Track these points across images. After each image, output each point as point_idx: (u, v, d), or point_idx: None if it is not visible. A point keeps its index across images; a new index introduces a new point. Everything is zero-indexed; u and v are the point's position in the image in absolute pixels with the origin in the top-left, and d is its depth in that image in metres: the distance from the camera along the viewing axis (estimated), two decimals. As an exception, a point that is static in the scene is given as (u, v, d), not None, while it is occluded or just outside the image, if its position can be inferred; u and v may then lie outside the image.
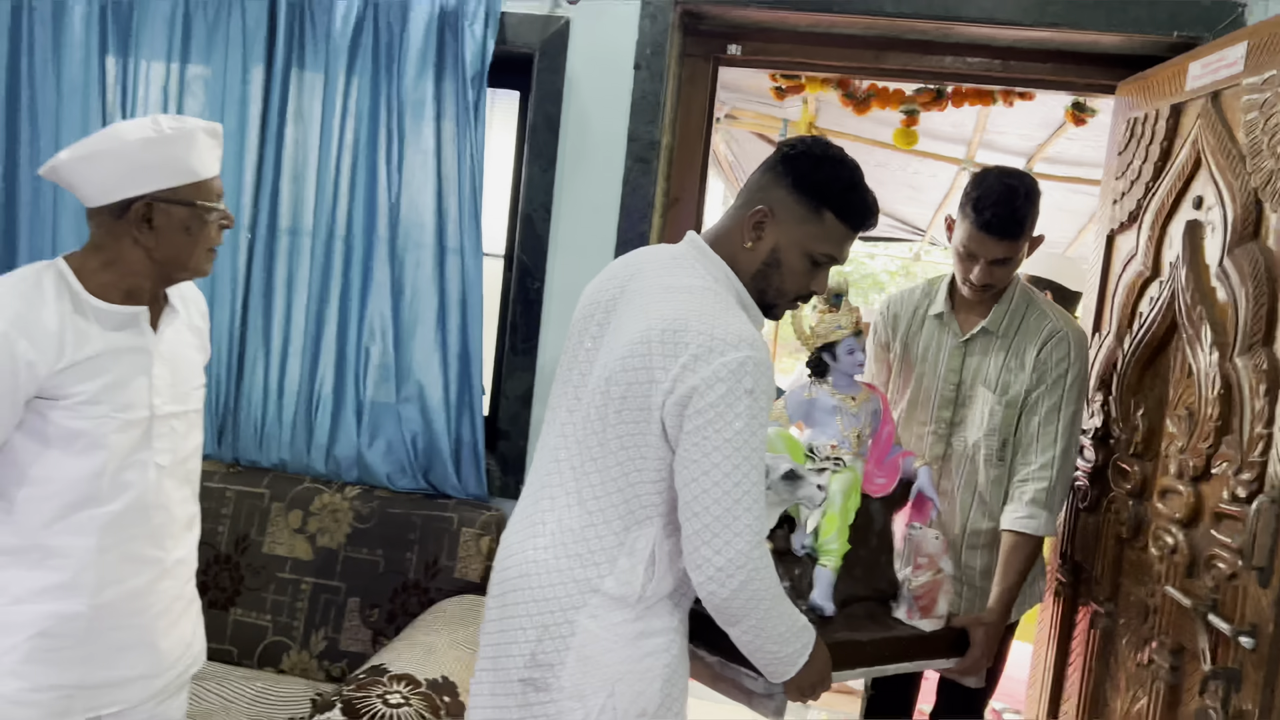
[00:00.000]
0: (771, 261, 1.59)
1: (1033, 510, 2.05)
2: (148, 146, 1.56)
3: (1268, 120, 1.72)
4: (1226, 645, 1.68)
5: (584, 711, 1.53)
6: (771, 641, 1.54)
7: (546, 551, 1.58)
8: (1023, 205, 2.03)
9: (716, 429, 1.44)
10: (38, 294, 1.55)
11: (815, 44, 2.54)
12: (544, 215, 2.52)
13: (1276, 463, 1.60)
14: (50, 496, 1.58)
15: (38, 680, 1.57)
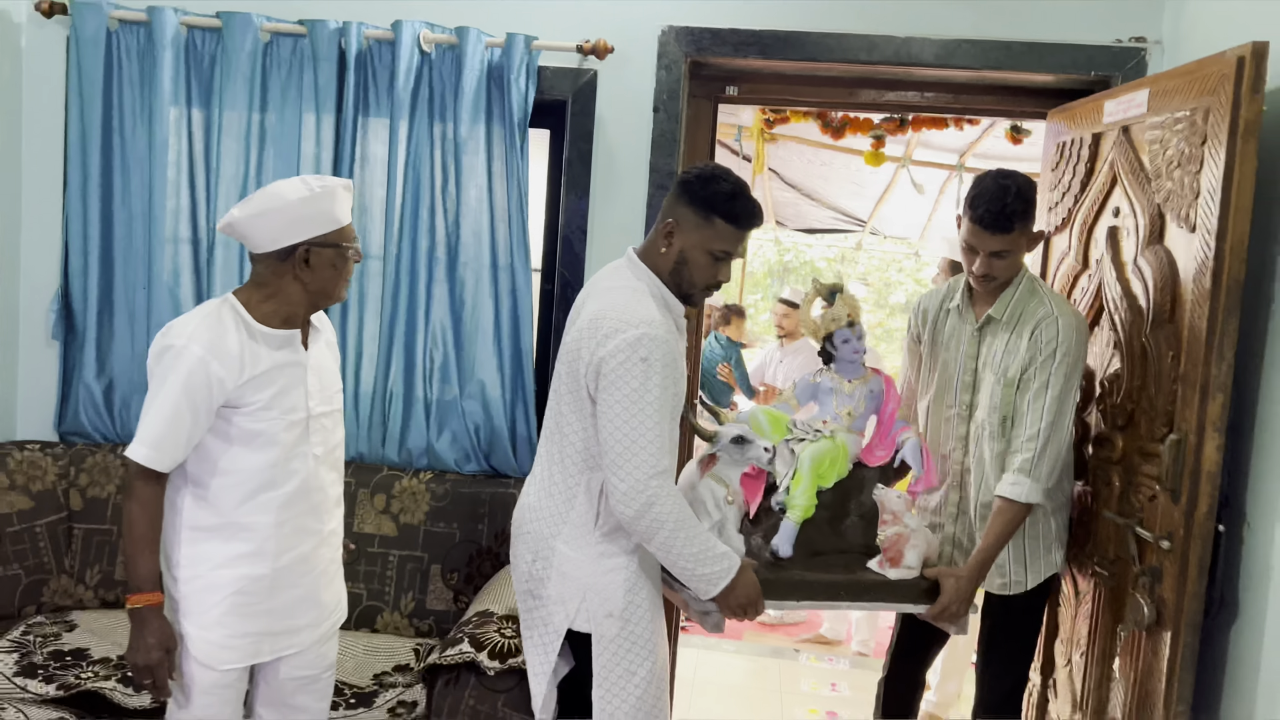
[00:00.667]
0: (681, 261, 2.03)
1: (1017, 478, 2.23)
2: (305, 203, 1.96)
3: (1165, 151, 2.26)
4: (1150, 550, 2.22)
5: (565, 613, 2.02)
6: (685, 559, 1.95)
7: (533, 496, 2.10)
8: (1013, 202, 2.22)
9: (617, 387, 1.90)
10: (220, 324, 1.97)
11: (799, 84, 3.05)
12: (580, 236, 2.98)
13: (1181, 409, 2.14)
14: (238, 484, 2.00)
15: (236, 629, 2.00)
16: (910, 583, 2.24)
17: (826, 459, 2.27)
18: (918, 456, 2.31)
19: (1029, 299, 2.32)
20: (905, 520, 2.24)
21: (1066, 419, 2.26)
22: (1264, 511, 2.08)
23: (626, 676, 2.03)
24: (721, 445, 2.15)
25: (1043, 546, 2.38)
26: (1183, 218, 2.18)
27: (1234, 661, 2.15)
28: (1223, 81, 2.06)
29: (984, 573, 2.27)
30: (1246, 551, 2.13)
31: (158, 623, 1.94)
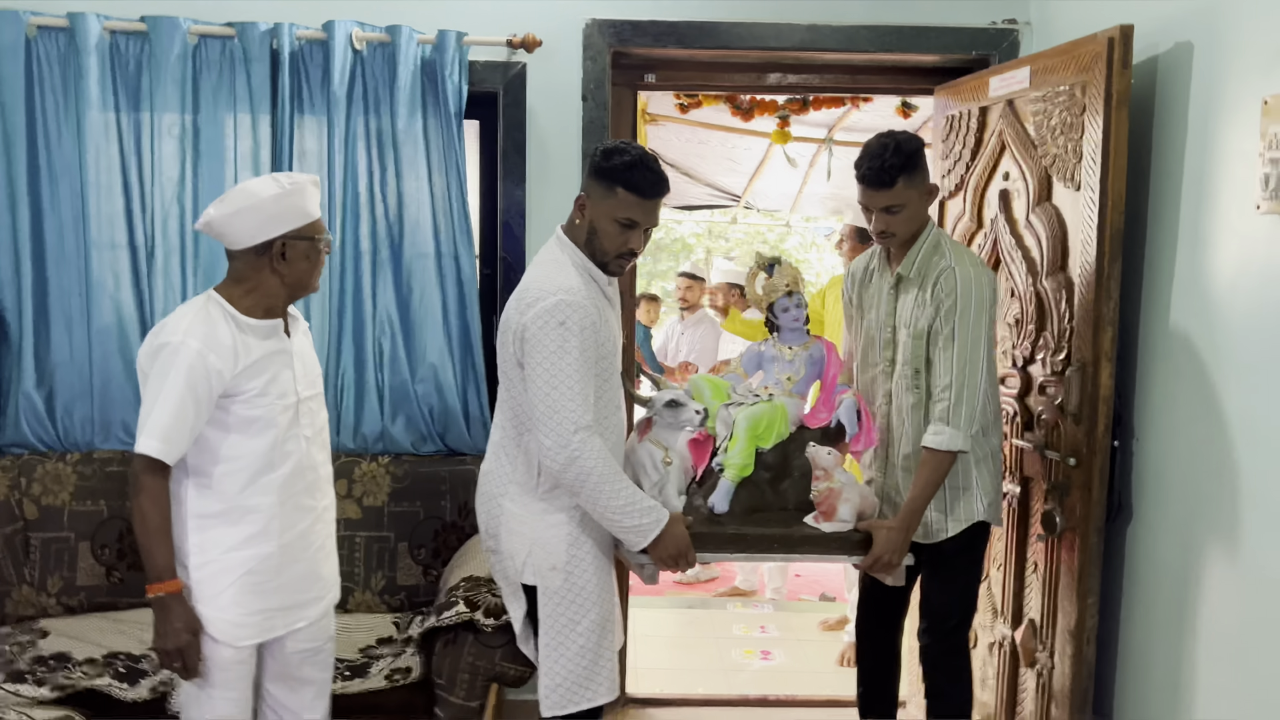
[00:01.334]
0: (593, 231, 2.15)
1: (938, 427, 2.28)
2: (277, 200, 2.06)
3: (1049, 121, 2.59)
4: (1058, 469, 2.56)
5: (516, 565, 2.18)
6: (612, 512, 2.07)
7: (488, 461, 2.27)
8: (892, 158, 2.27)
9: (538, 350, 2.04)
10: (211, 319, 2.07)
11: (712, 70, 3.28)
12: (520, 221, 3.14)
13: (1077, 344, 2.48)
14: (240, 470, 2.10)
15: (250, 606, 2.12)
16: (843, 535, 2.31)
17: (763, 421, 2.35)
18: (853, 416, 2.38)
19: (933, 254, 2.36)
20: (836, 476, 2.32)
21: (979, 366, 2.29)
22: (1150, 427, 2.45)
23: (570, 626, 2.16)
24: (655, 409, 2.30)
25: (963, 495, 2.39)
26: (1068, 178, 2.51)
27: (1131, 555, 2.51)
28: (1096, 59, 2.39)
29: (914, 522, 2.31)
30: (1137, 463, 2.49)
31: (181, 608, 2.03)
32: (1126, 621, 2.53)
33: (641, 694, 3.57)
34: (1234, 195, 2.13)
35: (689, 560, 2.20)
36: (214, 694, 2.10)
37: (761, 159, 7.55)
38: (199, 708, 2.10)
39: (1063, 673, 2.55)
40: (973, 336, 2.28)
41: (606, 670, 2.22)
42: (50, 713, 2.28)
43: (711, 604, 4.70)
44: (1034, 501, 2.70)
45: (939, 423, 2.29)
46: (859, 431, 2.39)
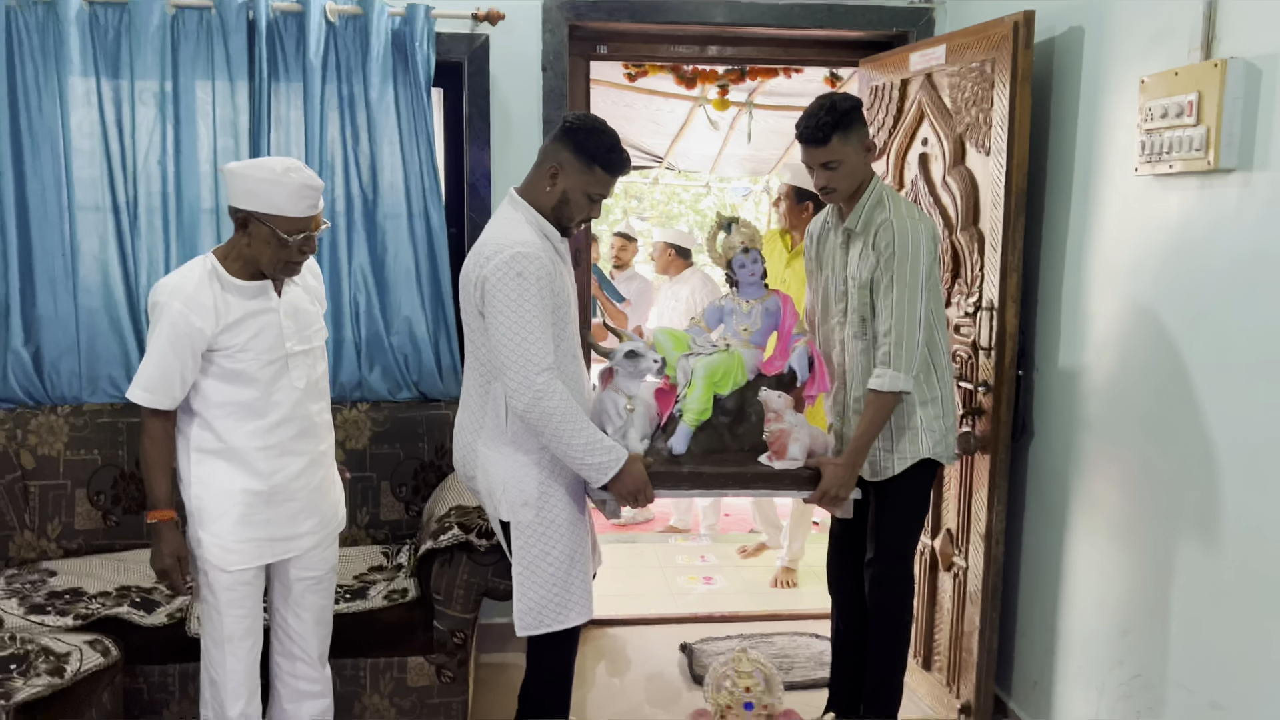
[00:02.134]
0: (563, 200, 2.32)
1: (880, 370, 2.45)
2: (263, 182, 2.19)
3: (962, 94, 2.95)
4: (972, 397, 2.95)
5: (492, 504, 2.38)
6: (574, 450, 2.24)
7: (461, 411, 2.45)
8: (825, 115, 2.42)
9: (499, 299, 2.18)
10: (196, 282, 2.24)
11: (659, 42, 3.56)
12: (485, 183, 3.38)
13: (986, 289, 2.86)
14: (228, 415, 2.30)
15: (241, 535, 2.33)
16: (794, 472, 2.49)
17: (720, 370, 2.54)
18: (804, 362, 2.55)
19: (876, 208, 2.51)
20: (786, 418, 2.49)
21: (917, 311, 2.43)
22: (1048, 359, 2.85)
23: (541, 557, 2.34)
24: (616, 360, 2.49)
25: (908, 434, 2.56)
26: (979, 144, 2.88)
27: (1032, 468, 2.93)
28: (1004, 39, 2.75)
29: (860, 459, 2.48)
30: (1038, 389, 2.89)
31: (170, 534, 2.27)
32: (1029, 526, 2.95)
33: (599, 616, 3.90)
34: (1117, 160, 2.52)
35: (647, 496, 2.36)
36: (222, 613, 2.33)
37: (684, 121, 7.83)
38: (211, 624, 2.33)
39: (976, 573, 2.96)
40: (910, 284, 2.43)
41: (579, 595, 2.39)
42: (81, 636, 2.49)
43: (654, 539, 5.06)
44: (951, 427, 3.09)
45: (881, 366, 2.46)
46: (810, 377, 2.57)
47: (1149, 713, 2.39)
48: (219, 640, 2.34)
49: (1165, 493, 2.34)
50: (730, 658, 2.14)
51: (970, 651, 2.99)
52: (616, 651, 3.71)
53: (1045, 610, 2.86)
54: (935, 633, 3.21)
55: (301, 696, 2.53)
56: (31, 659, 2.33)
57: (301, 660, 2.52)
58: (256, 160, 2.27)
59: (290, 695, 2.53)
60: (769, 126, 7.83)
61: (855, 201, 2.56)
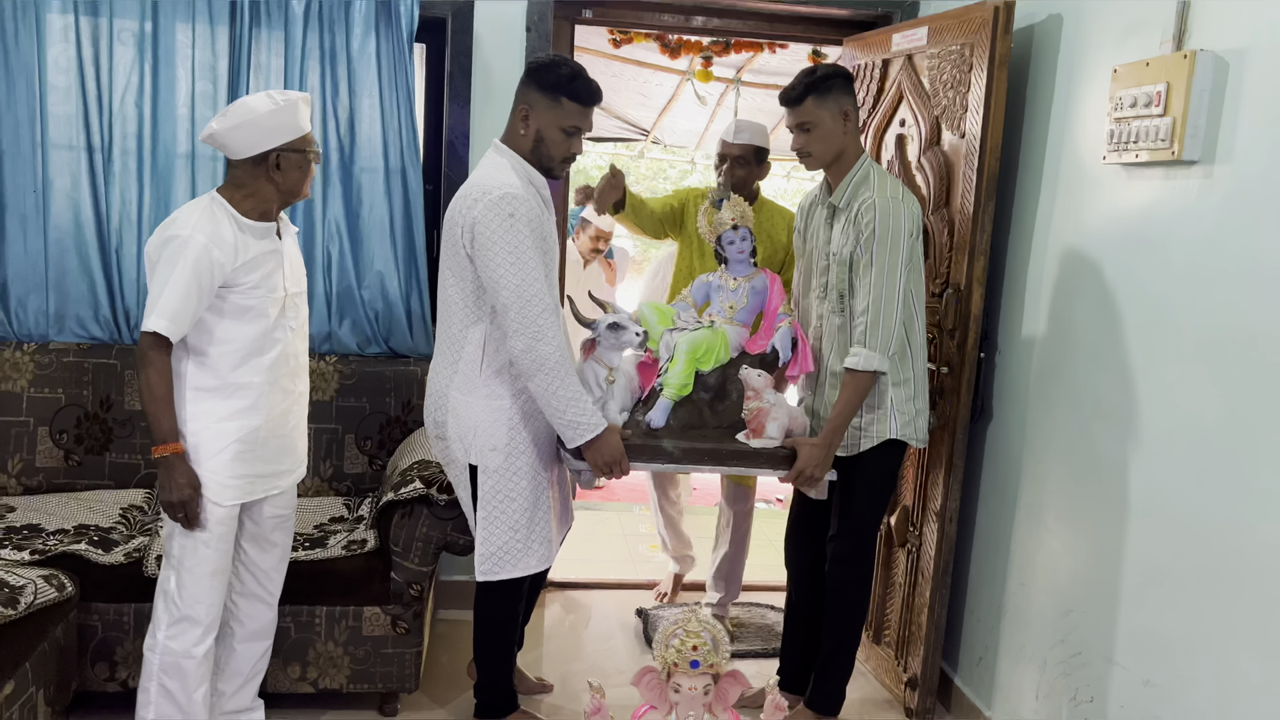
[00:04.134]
0: (539, 139, 2.38)
1: (855, 349, 2.47)
2: (273, 115, 2.27)
3: (941, 76, 2.97)
4: (934, 377, 2.99)
5: (462, 448, 2.42)
6: (559, 401, 2.29)
7: (434, 361, 2.48)
8: (803, 78, 2.51)
9: (494, 241, 2.25)
10: (215, 218, 2.28)
11: (644, 10, 3.55)
12: (463, 141, 3.38)
13: (954, 270, 2.90)
14: (233, 352, 2.34)
15: (236, 471, 2.37)
16: (770, 451, 2.51)
17: (703, 346, 2.56)
18: (787, 342, 2.58)
19: (861, 185, 2.53)
20: (765, 396, 2.52)
21: (895, 292, 2.45)
22: (1010, 342, 2.89)
23: (505, 501, 2.42)
24: (599, 331, 2.51)
25: (877, 413, 2.57)
26: (954, 126, 2.91)
27: (989, 450, 2.98)
28: (984, 25, 2.77)
29: (837, 440, 2.50)
30: (998, 373, 2.94)
31: (183, 466, 2.28)
32: (983, 506, 3.00)
33: (561, 579, 3.95)
34: (1087, 147, 2.55)
35: (622, 468, 2.40)
36: (212, 548, 2.36)
37: (672, 95, 7.81)
38: (193, 558, 2.35)
39: (929, 550, 3.02)
40: (890, 264, 2.45)
41: (539, 541, 2.48)
42: (37, 571, 2.49)
43: (619, 508, 5.10)
44: (912, 405, 3.13)
45: (857, 345, 2.48)
46: (793, 357, 2.59)
47: (1085, 689, 2.45)
48: (200, 576, 2.36)
49: (1111, 477, 2.38)
50: (680, 616, 2.18)
51: (920, 626, 3.05)
52: (575, 613, 3.75)
53: (993, 589, 2.92)
54: (887, 607, 3.27)
55: (254, 637, 2.57)
56: (-14, 590, 2.33)
57: (262, 600, 2.56)
58: (241, 107, 2.27)
59: (245, 636, 2.56)
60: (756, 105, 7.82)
61: (842, 177, 2.59)
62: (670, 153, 11.69)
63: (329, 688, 2.79)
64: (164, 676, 2.37)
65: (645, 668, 2.21)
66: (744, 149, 3.25)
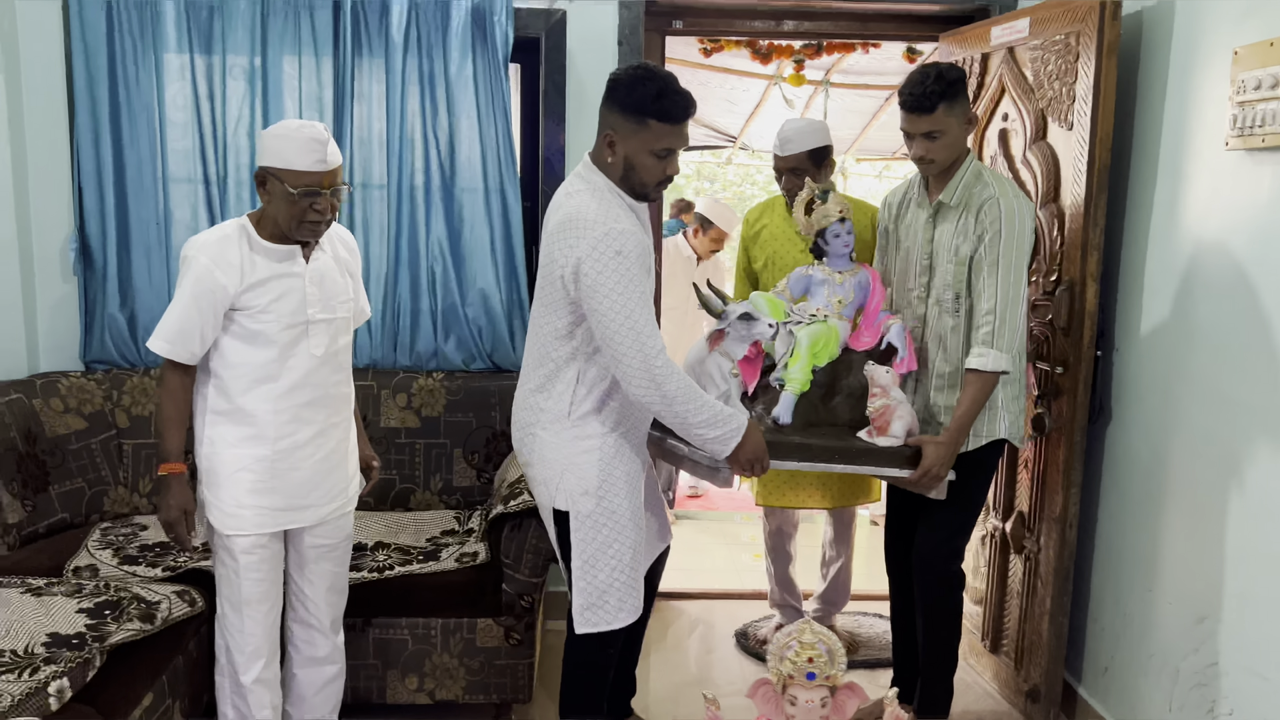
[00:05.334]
0: (629, 166, 2.15)
1: (982, 350, 2.40)
2: (275, 137, 2.21)
3: (1045, 68, 2.89)
4: (1047, 377, 2.90)
5: (549, 490, 2.27)
6: (699, 427, 2.15)
7: (521, 389, 2.34)
8: (933, 85, 2.38)
9: (602, 283, 2.05)
10: (226, 239, 2.27)
11: (734, 17, 3.55)
12: (559, 157, 3.42)
13: (1066, 266, 2.81)
14: (241, 376, 2.31)
15: (243, 500, 2.33)
16: (895, 450, 2.43)
17: (821, 339, 2.52)
18: (903, 339, 2.54)
19: (975, 184, 2.48)
20: (892, 394, 2.45)
21: (1020, 292, 2.43)
22: (1128, 339, 2.79)
23: (602, 549, 2.24)
24: (729, 321, 2.41)
25: (988, 413, 2.53)
26: (1061, 119, 2.82)
27: (1109, 452, 2.87)
28: (1090, 12, 2.68)
29: (961, 438, 2.44)
30: (1117, 371, 2.83)
31: (178, 488, 2.29)
32: (1104, 510, 2.89)
33: (665, 589, 3.94)
34: (1206, 135, 2.45)
35: (764, 465, 2.26)
36: (240, 576, 2.36)
37: (759, 100, 7.78)
38: (229, 587, 2.37)
39: (1048, 555, 2.92)
40: (1017, 265, 2.42)
41: (635, 590, 2.31)
42: (170, 587, 2.60)
43: (719, 517, 5.08)
44: (1025, 407, 3.04)
45: (983, 345, 2.41)
46: (905, 355, 2.55)
47: (1225, 701, 2.34)
48: (236, 604, 2.37)
49: (1244, 476, 2.27)
50: (795, 628, 2.15)
51: (1040, 635, 2.95)
52: (678, 624, 3.74)
53: (1118, 596, 2.81)
54: (1004, 616, 3.17)
55: (314, 663, 2.57)
56: (125, 605, 2.44)
57: (315, 628, 2.54)
58: (281, 122, 2.31)
59: (302, 661, 2.57)
60: (845, 106, 7.73)
61: (948, 175, 2.52)
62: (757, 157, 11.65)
63: (445, 699, 2.84)
64: (234, 698, 2.42)
65: (760, 680, 2.19)
66: (797, 158, 3.06)
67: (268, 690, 2.44)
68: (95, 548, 2.85)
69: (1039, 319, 2.94)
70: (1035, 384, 2.92)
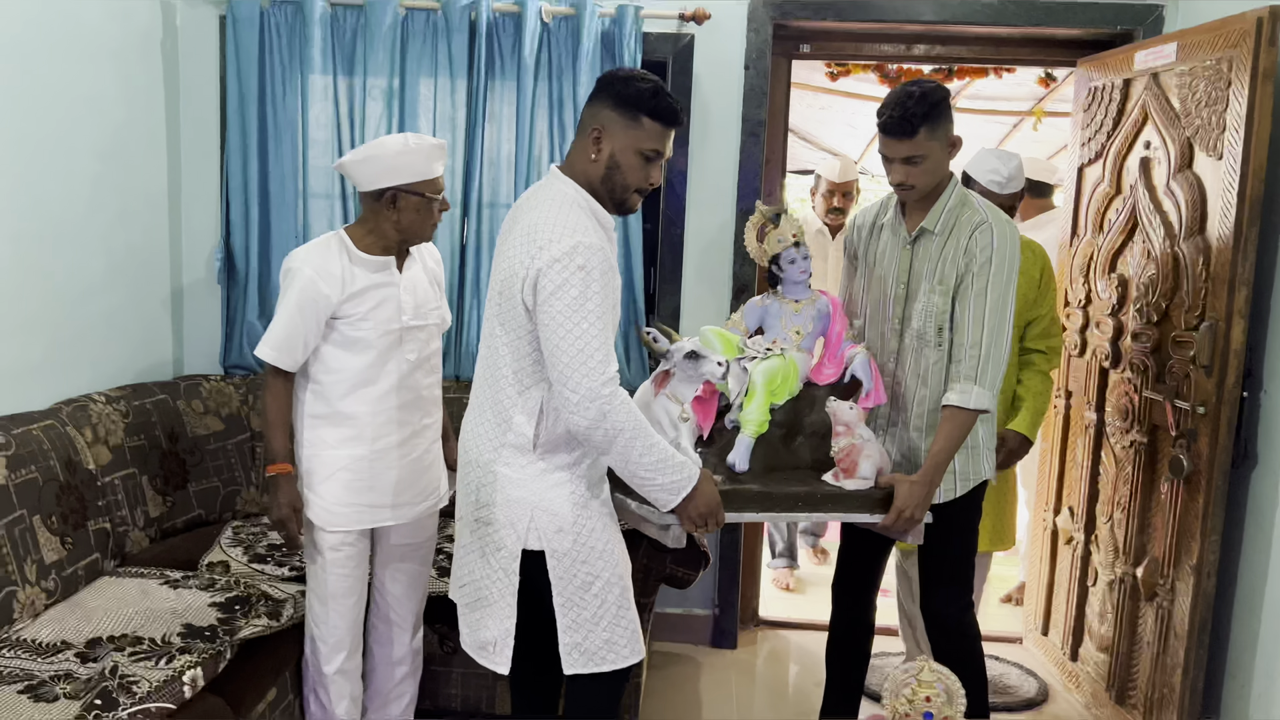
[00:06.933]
0: (613, 165, 1.99)
1: (965, 386, 2.23)
2: (399, 155, 2.32)
3: (1193, 94, 2.77)
4: (1187, 416, 2.76)
5: (516, 535, 2.02)
6: (644, 469, 1.93)
7: (472, 421, 2.11)
8: (915, 106, 2.18)
9: (559, 297, 1.88)
10: (327, 251, 2.39)
11: (863, 40, 3.51)
12: (681, 180, 3.44)
13: (1211, 302, 2.68)
14: (341, 381, 2.40)
15: (342, 499, 2.43)
16: (865, 493, 2.24)
17: (779, 375, 2.30)
18: (868, 371, 2.34)
19: (961, 209, 2.30)
20: (859, 432, 2.25)
21: (1006, 325, 2.26)
22: (1277, 380, 2.63)
23: (584, 587, 2.05)
24: (675, 361, 2.18)
25: (971, 454, 2.38)
26: (1210, 148, 2.70)
27: (1254, 500, 2.71)
28: (1244, 36, 2.56)
29: (938, 477, 2.26)
30: (1264, 413, 2.68)
31: (287, 486, 2.39)
32: (1246, 560, 2.73)
33: (770, 617, 3.91)
34: (1372, 165, 2.31)
35: (718, 519, 2.07)
36: (327, 571, 2.45)
37: (880, 126, 7.65)
38: (316, 581, 2.46)
39: (1182, 605, 2.77)
40: (1005, 295, 2.25)
41: (629, 629, 2.10)
42: (295, 586, 2.70)
43: (827, 543, 4.99)
44: (1160, 448, 2.91)
45: (966, 381, 2.24)
46: (871, 388, 2.35)
47: (1380, 773, 2.17)
48: (323, 597, 2.46)
49: None
50: (912, 666, 2.10)
51: (1172, 689, 2.80)
52: (785, 655, 3.69)
53: (1261, 650, 2.64)
54: (1133, 666, 3.03)
55: (389, 660, 2.64)
56: (253, 602, 2.55)
57: (395, 624, 2.62)
58: (374, 144, 2.37)
59: (381, 657, 2.64)
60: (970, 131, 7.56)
61: (930, 201, 2.33)
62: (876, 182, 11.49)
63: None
64: (317, 688, 2.53)
65: (873, 715, 2.14)
66: (1014, 196, 2.96)
67: (348, 681, 2.53)
68: (227, 545, 2.98)
69: (1180, 355, 2.80)
70: (1175, 424, 2.79)
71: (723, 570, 3.61)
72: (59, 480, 2.56)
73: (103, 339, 3.07)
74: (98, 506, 2.70)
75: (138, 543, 2.87)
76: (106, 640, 2.29)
